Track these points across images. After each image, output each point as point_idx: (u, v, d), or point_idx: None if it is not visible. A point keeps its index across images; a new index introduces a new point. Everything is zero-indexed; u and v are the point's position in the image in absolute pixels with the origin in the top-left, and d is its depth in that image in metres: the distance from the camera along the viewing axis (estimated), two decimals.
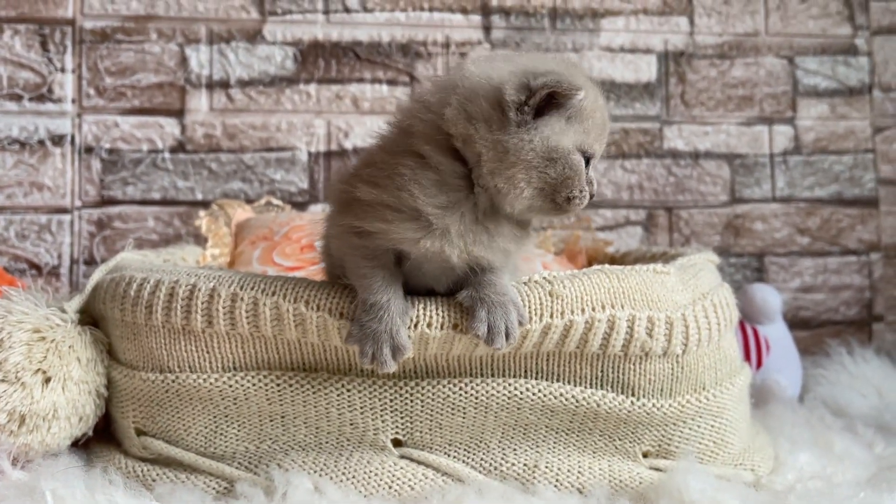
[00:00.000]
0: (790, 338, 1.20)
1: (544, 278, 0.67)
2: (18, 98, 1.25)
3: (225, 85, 1.29)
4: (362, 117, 1.32)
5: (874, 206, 1.45)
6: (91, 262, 1.26)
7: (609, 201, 1.38)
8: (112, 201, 1.26)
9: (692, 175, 1.40)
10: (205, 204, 1.26)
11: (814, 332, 1.41)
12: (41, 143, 1.25)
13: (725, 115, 1.42)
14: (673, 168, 1.40)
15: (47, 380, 0.69)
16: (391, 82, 1.33)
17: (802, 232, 1.43)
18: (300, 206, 1.29)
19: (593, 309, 0.68)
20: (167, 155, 1.27)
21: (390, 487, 0.68)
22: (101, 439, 0.76)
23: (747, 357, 1.15)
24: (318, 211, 1.28)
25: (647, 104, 1.39)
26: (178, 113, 1.28)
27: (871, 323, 1.43)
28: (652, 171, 1.39)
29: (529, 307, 0.65)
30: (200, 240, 1.11)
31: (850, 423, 1.01)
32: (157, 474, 0.71)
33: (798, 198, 1.43)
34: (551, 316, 0.66)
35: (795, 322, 1.40)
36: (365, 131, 1.32)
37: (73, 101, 1.26)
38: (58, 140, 1.26)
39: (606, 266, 0.71)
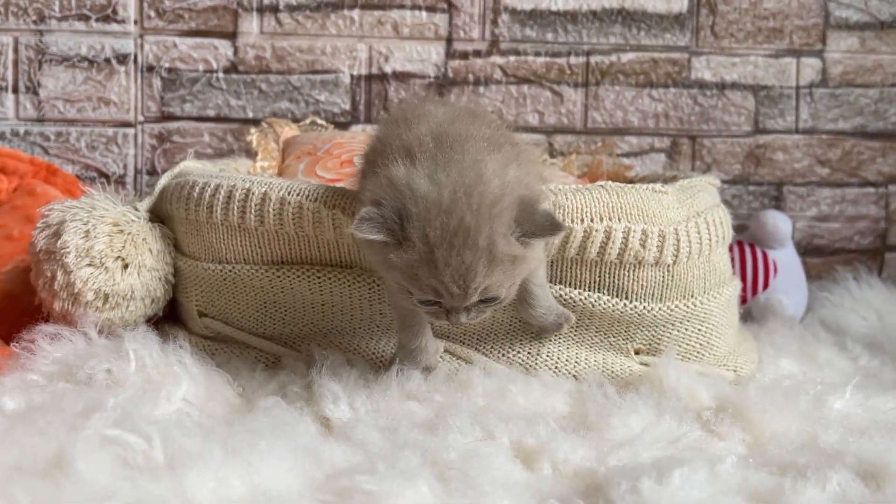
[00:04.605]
0: (799, 262, 1.27)
1: (550, 190, 0.77)
2: (86, 18, 1.36)
3: (274, 9, 1.37)
4: (402, 42, 1.40)
5: None
6: (153, 173, 1.38)
7: (635, 128, 1.45)
8: (171, 117, 1.38)
9: (717, 105, 1.46)
10: (255, 122, 1.36)
11: (826, 259, 1.48)
12: (107, 61, 1.36)
13: (754, 47, 1.46)
14: (699, 98, 1.45)
15: (125, 266, 0.81)
16: (430, 9, 1.40)
17: (823, 163, 1.48)
18: (342, 126, 1.39)
19: (591, 220, 0.77)
20: (221, 75, 1.37)
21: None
22: (168, 320, 0.89)
23: (755, 278, 1.23)
24: (359, 130, 1.37)
25: (676, 35, 1.44)
26: (231, 35, 1.37)
27: (884, 252, 1.49)
28: (678, 100, 1.45)
29: None
30: (251, 154, 1.22)
31: (841, 339, 1.09)
32: (216, 348, 0.84)
33: (821, 130, 1.47)
34: None
35: (809, 249, 1.47)
36: (404, 56, 1.40)
37: (136, 22, 1.36)
38: (122, 59, 1.36)
39: (608, 183, 0.80)
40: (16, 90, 1.34)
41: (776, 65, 1.46)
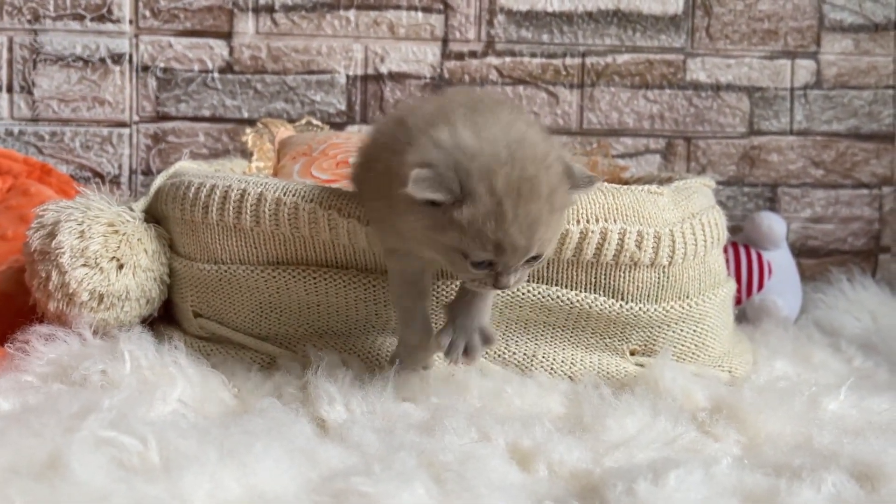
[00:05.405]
0: (793, 264, 1.28)
1: None
2: (81, 18, 1.35)
3: (270, 9, 1.37)
4: (398, 43, 1.40)
5: (890, 141, 1.49)
6: (147, 173, 1.38)
7: (630, 130, 1.45)
8: (166, 117, 1.37)
9: (712, 106, 1.46)
10: (250, 122, 1.36)
11: (820, 260, 1.48)
12: (102, 60, 1.36)
13: (749, 49, 1.46)
14: (694, 99, 1.46)
15: (120, 266, 0.81)
16: (426, 10, 1.40)
17: (817, 164, 1.48)
18: (338, 126, 1.39)
19: (587, 221, 0.77)
20: (216, 75, 1.37)
21: None
22: (163, 321, 0.89)
23: (749, 279, 1.23)
24: (355, 131, 1.37)
25: (672, 36, 1.44)
26: (227, 35, 1.37)
27: (878, 254, 1.50)
28: (673, 101, 1.45)
29: None
30: (246, 154, 1.22)
31: (835, 341, 1.09)
32: (212, 349, 0.84)
33: (815, 131, 1.48)
34: None
35: (804, 251, 1.48)
36: (400, 56, 1.40)
37: (131, 21, 1.36)
38: (117, 59, 1.36)
39: (604, 184, 0.80)
40: (10, 90, 1.34)
41: (771, 66, 1.46)
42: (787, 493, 0.55)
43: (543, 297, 0.80)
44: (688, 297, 0.84)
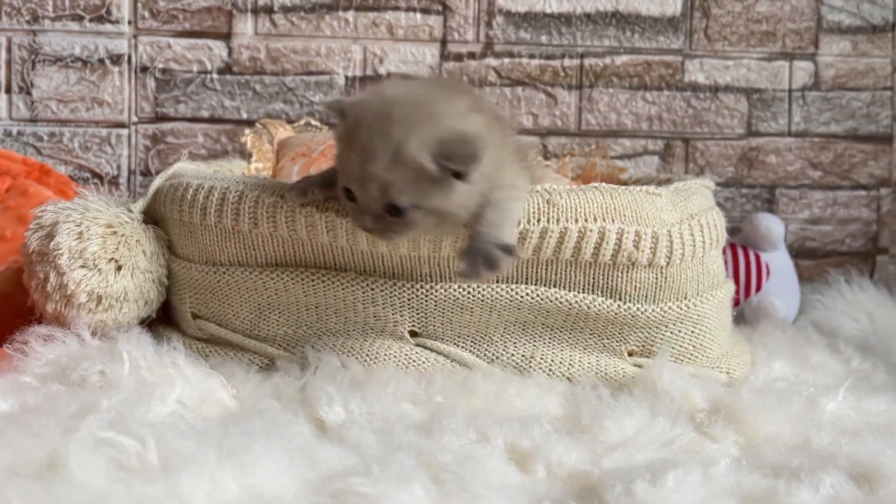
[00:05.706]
0: (791, 265, 1.28)
1: (545, 189, 0.77)
2: (80, 19, 1.35)
3: (269, 10, 1.37)
4: (396, 44, 1.40)
5: (888, 142, 1.49)
6: (146, 174, 1.38)
7: (629, 131, 1.45)
8: (165, 118, 1.37)
9: (710, 108, 1.46)
10: (249, 123, 1.36)
11: (818, 261, 1.49)
12: (101, 61, 1.36)
13: (747, 50, 1.46)
14: (692, 101, 1.46)
15: (119, 268, 0.81)
16: (424, 11, 1.40)
17: (815, 166, 1.49)
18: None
19: (586, 220, 0.77)
20: (215, 76, 1.37)
21: (406, 368, 0.79)
22: (162, 322, 0.89)
23: (748, 281, 1.23)
24: None
25: (670, 38, 1.45)
26: (226, 36, 1.37)
27: (876, 255, 1.50)
28: (672, 102, 1.46)
29: (529, 212, 0.76)
30: (245, 155, 1.22)
31: (833, 342, 1.09)
32: (210, 350, 0.84)
33: (813, 133, 1.48)
34: (548, 221, 0.76)
35: (801, 252, 1.48)
36: (399, 57, 1.40)
37: (130, 22, 1.36)
38: (116, 59, 1.36)
39: (602, 184, 0.81)
40: (9, 90, 1.34)
41: (769, 68, 1.47)
42: (785, 494, 0.55)
43: (542, 299, 0.80)
44: (686, 298, 0.84)
